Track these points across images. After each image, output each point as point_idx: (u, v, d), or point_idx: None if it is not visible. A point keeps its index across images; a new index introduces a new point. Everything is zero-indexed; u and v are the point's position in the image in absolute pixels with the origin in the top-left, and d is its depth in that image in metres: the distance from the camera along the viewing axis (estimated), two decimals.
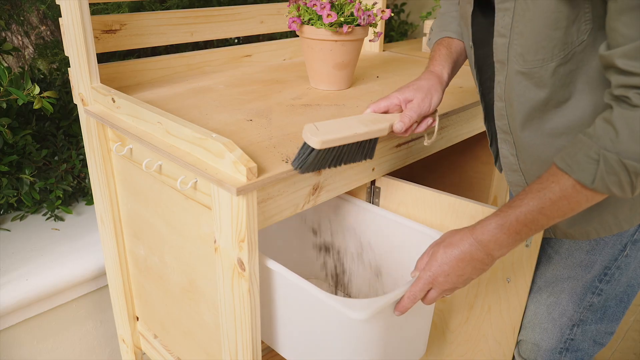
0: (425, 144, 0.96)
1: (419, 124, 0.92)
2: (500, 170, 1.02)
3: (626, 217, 0.83)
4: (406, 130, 0.90)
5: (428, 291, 0.83)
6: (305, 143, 0.82)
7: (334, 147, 0.83)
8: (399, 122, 0.88)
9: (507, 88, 0.81)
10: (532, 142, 0.82)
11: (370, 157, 0.91)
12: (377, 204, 1.12)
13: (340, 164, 0.88)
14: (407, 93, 0.90)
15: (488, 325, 1.03)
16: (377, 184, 1.10)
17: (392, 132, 0.88)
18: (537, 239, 0.91)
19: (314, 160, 0.83)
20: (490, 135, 1.00)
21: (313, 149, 0.81)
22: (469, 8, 0.88)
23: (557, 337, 0.96)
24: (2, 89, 1.21)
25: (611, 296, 0.92)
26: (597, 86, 0.74)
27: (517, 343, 1.02)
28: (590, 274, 0.90)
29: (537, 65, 0.74)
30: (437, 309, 1.11)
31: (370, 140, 0.89)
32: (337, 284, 1.31)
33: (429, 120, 0.92)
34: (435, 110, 0.93)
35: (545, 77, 0.75)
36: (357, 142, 0.86)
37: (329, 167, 0.87)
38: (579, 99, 0.75)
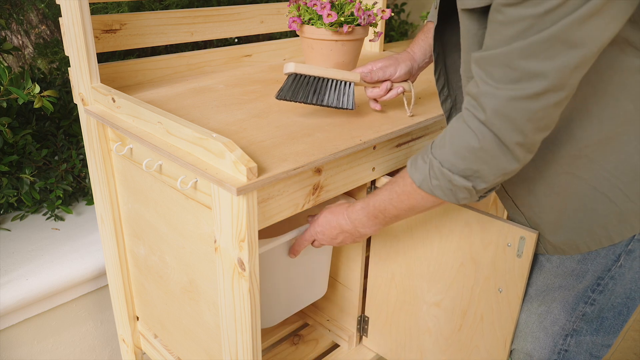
0: (408, 115, 1.09)
1: (389, 91, 1.05)
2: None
3: (616, 229, 0.81)
4: (374, 82, 1.04)
5: (314, 240, 1.01)
6: (286, 76, 0.99)
7: (308, 80, 1.00)
8: (366, 72, 1.03)
9: None
10: None
11: (350, 107, 1.02)
12: None
13: (316, 102, 1.01)
14: (378, 62, 1.06)
15: (480, 336, 1.02)
16: (377, 184, 1.10)
17: (363, 81, 1.03)
18: (528, 250, 0.89)
19: (290, 86, 0.99)
20: None
21: (289, 75, 0.98)
22: (433, 23, 0.93)
23: (550, 347, 0.93)
24: (2, 88, 1.20)
25: (607, 307, 0.88)
26: None
27: (510, 353, 1.00)
28: (582, 283, 0.87)
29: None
30: (432, 314, 1.10)
31: (346, 84, 1.02)
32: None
33: (400, 89, 1.05)
34: (408, 81, 1.07)
35: None
36: (331, 83, 1.01)
37: (306, 101, 1.00)
38: None
